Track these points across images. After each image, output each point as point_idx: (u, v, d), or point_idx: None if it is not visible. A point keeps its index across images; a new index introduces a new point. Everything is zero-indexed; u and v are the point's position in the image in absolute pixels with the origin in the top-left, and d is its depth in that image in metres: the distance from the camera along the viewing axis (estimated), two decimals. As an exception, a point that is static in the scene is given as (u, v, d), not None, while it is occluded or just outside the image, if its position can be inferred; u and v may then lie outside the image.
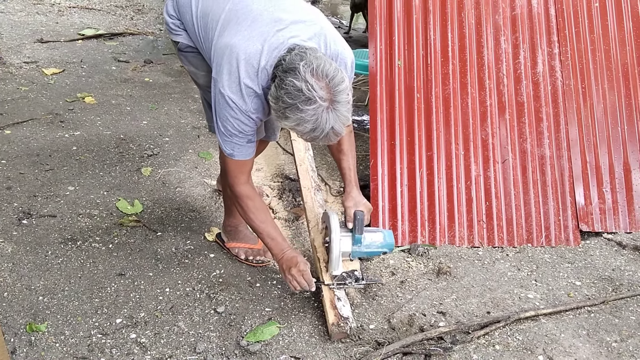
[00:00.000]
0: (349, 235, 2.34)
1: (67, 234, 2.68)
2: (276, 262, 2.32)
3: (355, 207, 2.32)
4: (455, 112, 3.11)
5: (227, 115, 2.02)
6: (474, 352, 2.19)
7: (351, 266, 2.38)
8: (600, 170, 3.19)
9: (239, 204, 2.24)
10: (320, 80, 1.78)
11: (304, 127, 1.82)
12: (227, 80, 1.97)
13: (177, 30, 2.32)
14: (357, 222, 2.28)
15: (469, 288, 2.59)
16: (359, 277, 2.34)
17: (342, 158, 2.38)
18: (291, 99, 1.79)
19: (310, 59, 1.81)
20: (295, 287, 2.23)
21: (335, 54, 2.07)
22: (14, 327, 2.12)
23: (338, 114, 1.81)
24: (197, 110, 4.22)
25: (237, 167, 2.17)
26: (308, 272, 2.22)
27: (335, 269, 2.31)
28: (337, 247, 2.29)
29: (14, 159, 3.25)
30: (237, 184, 2.21)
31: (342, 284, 2.32)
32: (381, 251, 2.42)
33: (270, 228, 2.27)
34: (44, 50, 5.12)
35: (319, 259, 2.44)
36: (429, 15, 3.18)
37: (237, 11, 2.04)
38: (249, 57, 1.94)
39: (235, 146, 2.10)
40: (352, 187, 2.36)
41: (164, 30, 6.18)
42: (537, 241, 3.00)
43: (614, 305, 2.54)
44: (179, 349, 2.12)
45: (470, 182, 3.03)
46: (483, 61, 3.18)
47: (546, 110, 3.19)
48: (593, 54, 3.33)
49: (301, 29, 1.99)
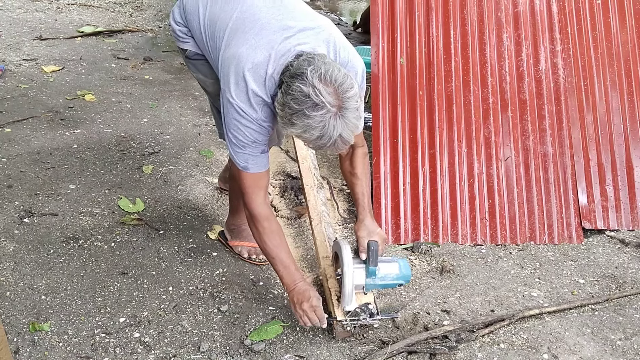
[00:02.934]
0: (363, 267, 2.16)
1: (68, 233, 2.67)
2: (286, 292, 2.18)
3: (368, 236, 2.16)
4: (458, 109, 3.10)
5: (239, 125, 1.96)
6: (478, 350, 2.18)
7: (364, 299, 2.21)
8: (602, 168, 3.18)
9: (255, 225, 2.13)
10: (328, 86, 1.73)
11: (311, 134, 1.76)
12: (234, 90, 1.92)
13: (184, 38, 2.28)
14: (372, 253, 2.13)
15: (473, 286, 2.59)
16: (373, 311, 2.18)
17: (355, 182, 2.26)
18: (298, 104, 1.73)
19: (318, 64, 1.76)
20: (305, 322, 2.10)
21: (344, 61, 2.01)
22: (17, 326, 2.12)
23: (346, 121, 1.75)
24: (197, 107, 4.21)
25: (253, 181, 2.07)
26: (320, 307, 2.10)
27: (348, 303, 2.15)
28: (350, 281, 2.12)
29: (14, 157, 3.24)
30: (255, 203, 2.10)
31: (356, 320, 2.16)
32: (397, 283, 2.24)
33: (283, 254, 2.15)
34: (43, 48, 5.09)
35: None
36: (431, 12, 3.17)
37: (244, 19, 2.00)
38: (256, 66, 1.89)
39: (249, 157, 2.02)
40: (365, 215, 2.22)
41: (163, 28, 6.16)
42: (540, 239, 2.99)
43: (618, 303, 2.54)
44: (183, 348, 2.11)
45: (473, 179, 3.03)
46: (485, 58, 3.18)
47: (549, 107, 3.18)
48: (595, 52, 3.33)
49: (309, 36, 1.95)
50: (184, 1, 2.26)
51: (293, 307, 2.13)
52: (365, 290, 2.20)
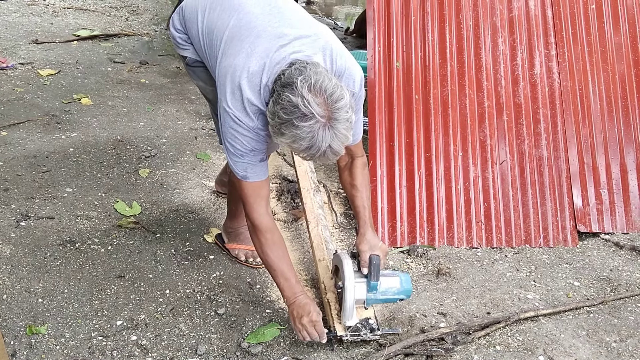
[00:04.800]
0: (364, 281, 2.13)
1: (65, 236, 2.67)
2: (286, 305, 2.15)
3: (370, 250, 2.13)
4: (454, 113, 3.11)
5: (235, 134, 1.94)
6: (475, 352, 2.19)
7: (365, 314, 2.19)
8: (597, 172, 3.20)
9: (257, 236, 2.11)
10: (317, 96, 1.70)
11: (300, 145, 1.73)
12: (231, 99, 1.90)
13: (184, 45, 2.27)
14: (373, 267, 2.10)
15: (469, 289, 2.60)
16: (374, 327, 2.15)
17: (355, 195, 2.23)
18: (287, 114, 1.71)
19: (309, 74, 1.73)
20: (304, 337, 2.07)
21: (341, 69, 1.98)
22: (14, 329, 2.11)
23: (336, 132, 1.72)
24: (193, 111, 4.21)
25: (254, 191, 2.05)
26: (320, 322, 2.07)
27: (348, 319, 2.13)
28: (352, 296, 2.10)
29: (10, 160, 3.24)
30: (257, 214, 2.08)
31: (357, 335, 2.13)
32: (398, 298, 2.21)
33: (285, 267, 2.12)
34: (39, 51, 5.10)
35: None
36: (427, 17, 3.19)
37: (240, 27, 1.98)
38: (251, 75, 1.87)
39: (248, 167, 2.00)
40: (366, 229, 2.18)
41: (159, 32, 6.17)
42: (535, 242, 3.01)
43: (613, 305, 2.56)
44: (180, 351, 2.11)
45: (468, 183, 3.04)
46: (481, 63, 3.20)
47: (544, 111, 3.20)
48: (590, 56, 3.35)
49: (305, 44, 1.92)
50: (183, 8, 2.24)
51: (292, 321, 2.10)
52: (366, 305, 2.18)
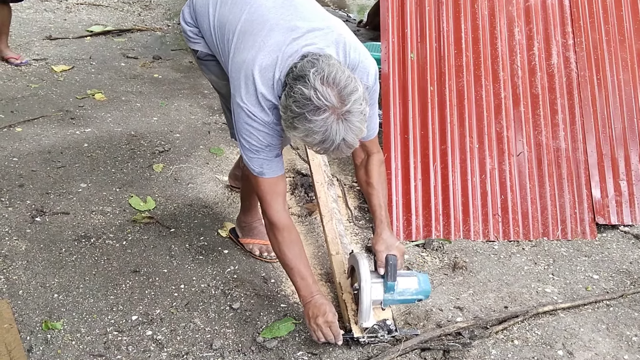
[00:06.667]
0: (381, 282, 2.09)
1: (80, 231, 2.67)
2: (302, 304, 2.13)
3: (387, 250, 2.09)
4: (469, 105, 3.07)
5: (251, 130, 1.91)
6: (492, 347, 2.17)
7: (382, 315, 2.15)
8: (616, 162, 3.15)
9: (274, 234, 2.09)
10: (330, 89, 1.67)
11: (313, 139, 1.71)
12: (245, 94, 1.87)
13: (195, 39, 2.24)
14: (390, 267, 2.06)
15: (486, 283, 2.57)
16: (391, 328, 2.12)
17: (371, 193, 2.19)
18: (299, 107, 1.68)
19: (321, 66, 1.70)
20: (319, 337, 2.03)
21: (355, 62, 1.94)
22: (30, 325, 2.12)
23: (350, 124, 1.69)
24: (207, 106, 4.20)
25: (270, 187, 2.02)
26: (336, 323, 2.03)
27: (365, 320, 2.09)
28: (368, 296, 2.06)
29: (25, 156, 3.25)
30: (273, 210, 2.05)
31: (374, 337, 2.10)
32: (416, 299, 2.17)
33: (302, 266, 2.09)
34: (53, 48, 5.12)
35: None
36: (441, 7, 3.14)
37: (252, 21, 1.95)
38: (264, 70, 1.85)
39: (264, 162, 1.97)
40: (383, 228, 2.14)
41: (172, 26, 6.16)
42: (553, 235, 2.97)
43: (633, 298, 2.52)
44: (195, 346, 2.10)
45: (485, 175, 3.00)
46: (497, 53, 3.15)
47: (561, 102, 3.15)
48: (608, 45, 3.29)
49: (318, 37, 1.89)
50: (194, 1, 2.22)
51: (307, 321, 2.07)
52: (383, 305, 2.14)
